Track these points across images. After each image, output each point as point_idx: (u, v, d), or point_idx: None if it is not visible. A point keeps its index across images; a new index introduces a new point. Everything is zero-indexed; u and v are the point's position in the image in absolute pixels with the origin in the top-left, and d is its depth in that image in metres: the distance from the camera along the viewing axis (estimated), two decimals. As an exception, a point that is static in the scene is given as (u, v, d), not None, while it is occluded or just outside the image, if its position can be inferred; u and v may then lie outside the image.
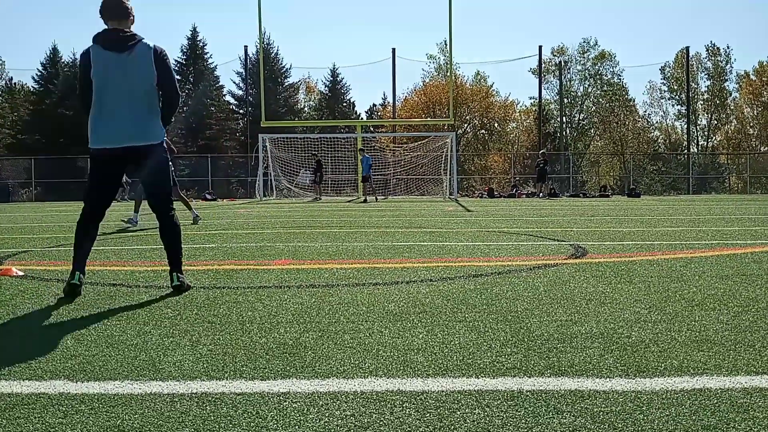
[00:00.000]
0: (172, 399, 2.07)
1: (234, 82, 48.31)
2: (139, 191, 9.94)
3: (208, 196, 29.56)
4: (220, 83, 47.61)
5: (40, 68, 43.34)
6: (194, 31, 47.08)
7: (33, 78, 43.70)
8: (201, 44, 47.22)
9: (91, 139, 3.89)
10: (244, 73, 44.21)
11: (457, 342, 2.74)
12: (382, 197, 27.45)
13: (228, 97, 48.07)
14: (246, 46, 41.65)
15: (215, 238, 8.08)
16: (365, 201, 22.76)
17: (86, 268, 3.94)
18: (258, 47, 31.88)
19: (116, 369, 2.41)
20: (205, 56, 47.44)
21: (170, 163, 4.51)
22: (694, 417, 1.88)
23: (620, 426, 1.82)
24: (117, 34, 3.86)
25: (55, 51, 43.98)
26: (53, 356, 2.59)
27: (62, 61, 43.60)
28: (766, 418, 1.87)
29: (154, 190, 4.04)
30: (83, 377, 2.31)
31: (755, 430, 1.79)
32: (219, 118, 45.23)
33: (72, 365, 2.46)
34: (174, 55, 65.85)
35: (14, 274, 4.78)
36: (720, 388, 2.12)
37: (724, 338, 2.76)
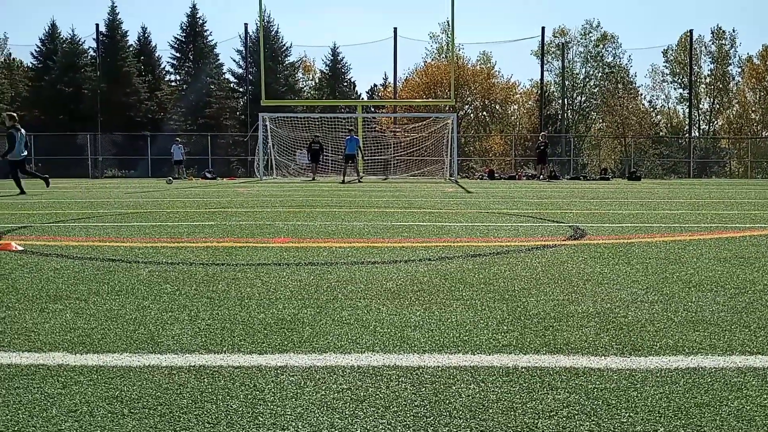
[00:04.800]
0: (170, 371, 2.09)
1: (234, 61, 47.92)
2: None
3: (208, 175, 29.54)
4: (220, 61, 47.32)
5: (39, 44, 43.03)
6: (194, 8, 46.69)
7: (32, 54, 43.42)
8: (201, 21, 46.85)
9: None
10: (244, 52, 43.89)
11: (454, 319, 2.76)
12: (383, 178, 27.39)
13: (228, 76, 47.80)
14: (246, 24, 41.34)
15: (215, 215, 8.09)
16: (359, 181, 22.62)
17: (87, 243, 3.95)
18: (258, 25, 31.63)
19: (115, 342, 2.42)
20: (205, 34, 47.09)
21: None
22: (687, 395, 1.90)
23: (614, 402, 1.84)
24: None
25: (54, 27, 43.64)
26: (52, 329, 2.60)
27: (61, 37, 43.29)
28: (759, 396, 1.89)
29: None
30: (82, 349, 2.33)
31: (748, 407, 1.80)
32: (219, 96, 45.01)
33: (71, 338, 2.47)
34: (173, 32, 65.17)
35: (14, 248, 4.79)
36: (714, 367, 2.14)
37: (720, 319, 2.77)
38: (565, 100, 47.14)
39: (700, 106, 50.64)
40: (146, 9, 75.14)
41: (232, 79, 47.86)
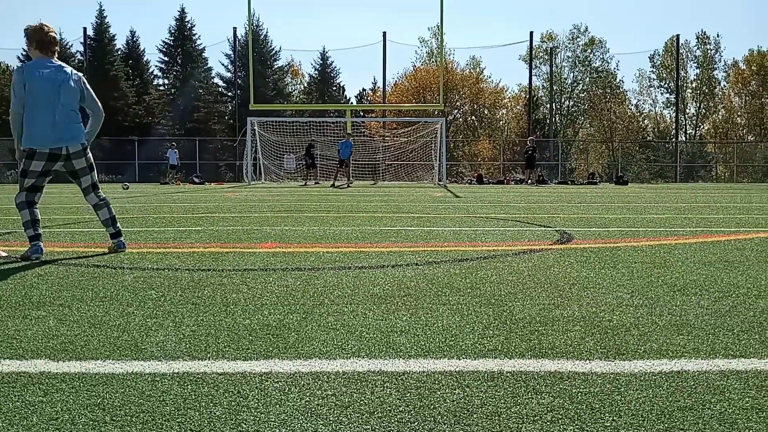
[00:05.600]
0: (154, 378, 2.07)
1: (223, 65, 47.87)
2: None
3: (196, 180, 29.40)
4: (209, 65, 47.24)
5: (26, 48, 42.72)
6: (182, 12, 46.59)
7: (18, 58, 43.04)
8: (189, 25, 46.74)
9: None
10: (232, 56, 43.79)
11: (439, 324, 2.76)
12: (372, 182, 27.40)
13: (216, 80, 47.70)
14: (235, 28, 41.28)
15: (202, 221, 8.05)
16: (348, 186, 22.59)
17: (71, 249, 3.92)
18: (247, 29, 31.59)
19: (98, 349, 2.40)
20: (194, 37, 46.96)
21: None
22: (671, 398, 1.91)
23: (598, 406, 1.84)
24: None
25: (40, 30, 43.30)
26: (35, 336, 2.58)
27: (48, 40, 42.95)
28: (741, 399, 1.90)
29: None
30: (65, 357, 2.30)
31: (730, 410, 1.82)
32: (207, 100, 44.88)
33: (54, 345, 2.45)
34: (162, 36, 64.79)
35: (-3, 254, 4.74)
36: (698, 371, 2.15)
37: (703, 322, 2.79)
38: (553, 104, 47.38)
39: (687, 110, 51.05)
40: (134, 12, 74.81)
41: (220, 83, 47.76)
